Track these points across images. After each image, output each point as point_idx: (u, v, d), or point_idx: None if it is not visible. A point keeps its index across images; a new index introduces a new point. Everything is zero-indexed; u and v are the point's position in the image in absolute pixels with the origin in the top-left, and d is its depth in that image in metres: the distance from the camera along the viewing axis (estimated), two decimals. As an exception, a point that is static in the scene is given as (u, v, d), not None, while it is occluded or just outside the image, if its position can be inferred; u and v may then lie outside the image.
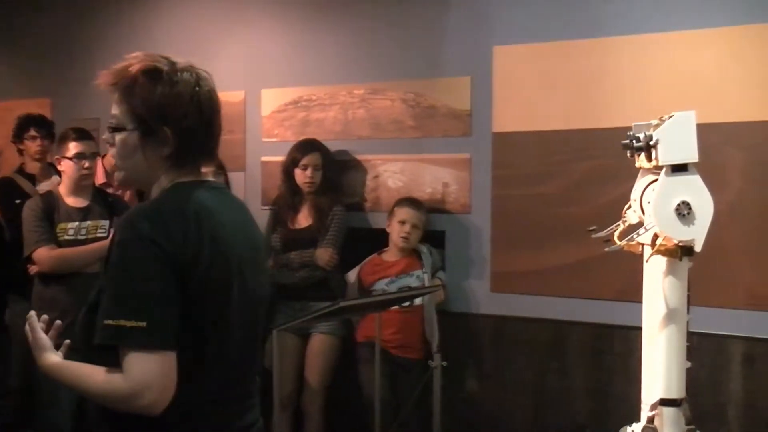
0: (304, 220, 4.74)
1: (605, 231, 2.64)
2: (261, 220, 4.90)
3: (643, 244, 2.51)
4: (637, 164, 2.55)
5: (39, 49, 6.17)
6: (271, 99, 5.25)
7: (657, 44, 4.10)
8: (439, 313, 4.57)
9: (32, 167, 5.18)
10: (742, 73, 3.93)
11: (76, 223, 4.23)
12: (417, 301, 4.45)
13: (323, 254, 4.58)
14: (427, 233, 4.64)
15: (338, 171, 4.90)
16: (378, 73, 4.88)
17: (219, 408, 1.98)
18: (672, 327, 2.47)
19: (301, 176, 4.69)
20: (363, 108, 4.93)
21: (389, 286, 4.54)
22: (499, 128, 4.51)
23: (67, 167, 4.26)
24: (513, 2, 4.49)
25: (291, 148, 4.78)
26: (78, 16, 5.98)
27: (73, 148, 4.23)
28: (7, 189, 5.04)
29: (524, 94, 4.44)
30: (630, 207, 2.64)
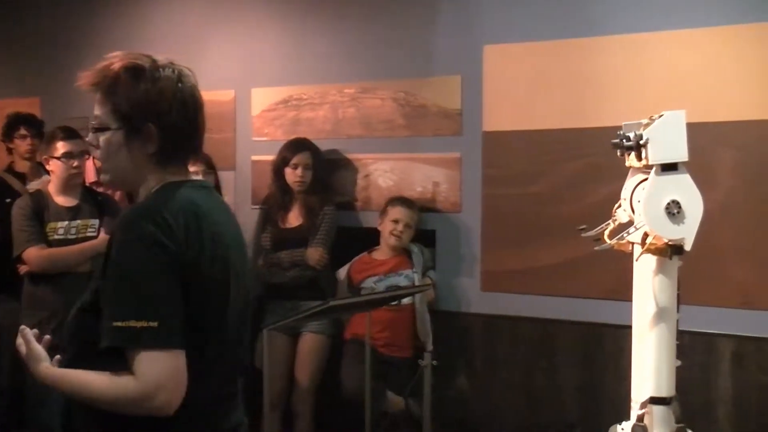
0: (294, 219, 4.73)
1: (595, 230, 2.64)
2: (251, 220, 4.92)
3: (633, 243, 2.51)
4: (627, 163, 2.54)
5: (28, 47, 6.14)
6: (262, 98, 5.24)
7: (647, 44, 4.11)
8: (430, 312, 4.58)
9: (22, 166, 5.16)
10: (733, 72, 3.94)
11: (66, 223, 4.21)
12: (405, 300, 4.45)
13: (313, 254, 4.58)
14: (418, 232, 4.65)
15: (329, 170, 4.89)
16: (368, 72, 4.88)
17: (213, 408, 1.97)
18: (662, 325, 2.47)
19: (291, 175, 4.68)
20: (353, 107, 4.92)
21: (377, 285, 4.54)
22: (490, 127, 4.52)
23: (55, 167, 4.24)
24: (503, 1, 4.50)
25: (281, 147, 4.77)
26: (67, 15, 5.95)
27: (61, 147, 4.21)
28: (-4, 188, 5.01)
29: (515, 93, 4.45)
30: (620, 206, 2.63)
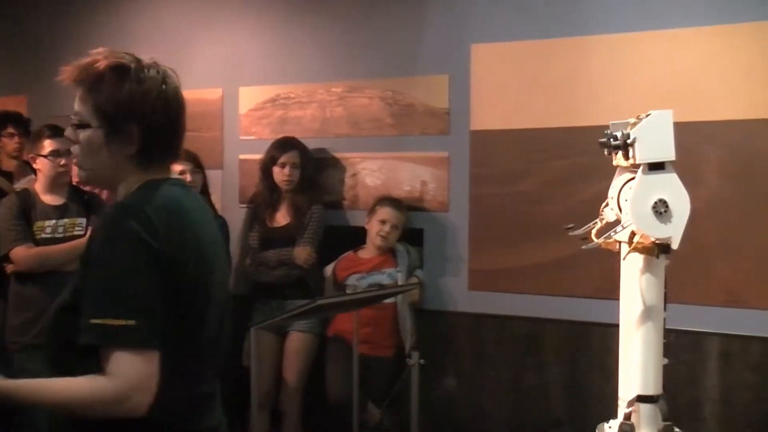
0: (282, 218, 4.73)
1: (583, 229, 2.65)
2: (239, 218, 4.91)
3: (620, 242, 2.52)
4: (615, 162, 2.55)
5: (14, 46, 6.11)
6: (249, 97, 5.22)
7: (635, 43, 4.12)
8: (417, 311, 4.59)
9: (9, 165, 5.13)
10: (719, 72, 3.96)
11: (53, 221, 4.19)
12: (388, 298, 4.45)
13: (301, 253, 4.57)
14: (406, 231, 4.64)
15: (316, 169, 4.89)
16: (356, 71, 4.87)
17: (191, 408, 1.96)
18: (649, 324, 2.48)
19: (279, 174, 4.68)
20: (341, 106, 4.92)
21: (360, 282, 4.55)
22: (477, 126, 4.52)
23: (42, 165, 4.21)
24: (491, 1, 4.50)
25: (269, 146, 4.76)
26: (54, 13, 5.92)
27: (48, 145, 4.19)
28: (-16, 187, 4.98)
29: (502, 92, 4.45)
30: (607, 205, 2.64)
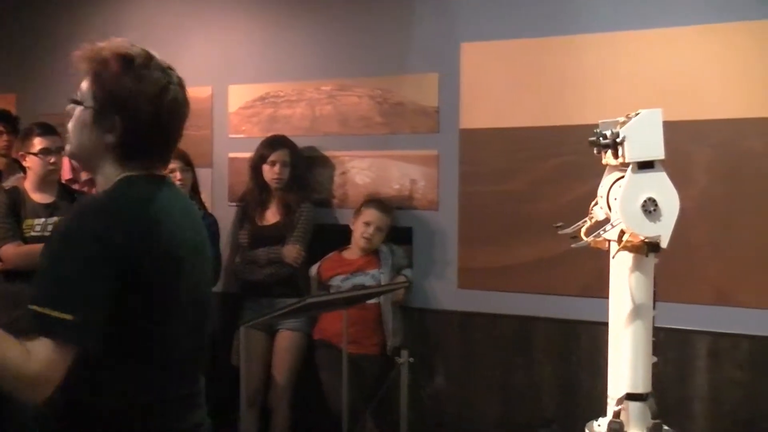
0: (271, 216, 4.72)
1: (572, 227, 2.65)
2: (229, 217, 4.90)
3: (609, 241, 2.52)
4: (604, 161, 2.55)
5: (3, 44, 6.07)
6: (239, 95, 5.21)
7: (624, 42, 4.13)
8: (405, 310, 4.59)
9: (-2, 162, 5.13)
10: (709, 71, 3.97)
11: (43, 220, 4.18)
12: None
13: (290, 251, 4.57)
14: (395, 230, 4.65)
15: (306, 167, 4.88)
16: (345, 69, 4.86)
17: (166, 408, 1.95)
18: (638, 322, 2.48)
19: (269, 172, 4.67)
20: (330, 104, 4.91)
21: (344, 283, 4.54)
22: (467, 125, 4.52)
23: (32, 163, 4.21)
24: (481, -1, 4.51)
25: (259, 144, 4.76)
26: (43, 11, 5.89)
27: (38, 143, 4.19)
28: (-28, 184, 4.95)
29: (492, 91, 4.45)
30: (596, 203, 2.64)
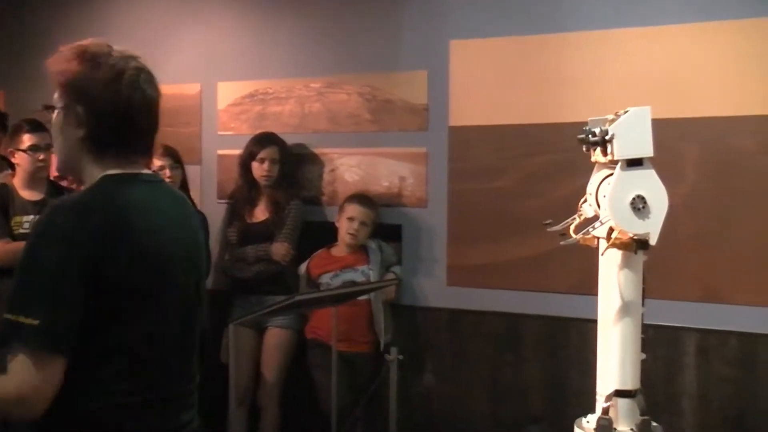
0: (261, 213, 4.71)
1: (561, 224, 2.65)
2: (218, 214, 4.89)
3: (598, 238, 2.53)
4: (593, 158, 2.56)
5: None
6: (228, 92, 5.20)
7: (613, 40, 4.14)
8: (395, 307, 4.59)
9: (-16, 160, 5.09)
10: (697, 69, 3.98)
11: (32, 217, 4.17)
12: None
13: (279, 248, 4.56)
14: (383, 227, 4.64)
15: (295, 164, 4.87)
16: (334, 66, 4.86)
17: (151, 409, 1.93)
18: (627, 319, 2.49)
19: (258, 170, 4.66)
20: (319, 101, 4.90)
21: (333, 280, 4.53)
22: (456, 122, 4.52)
23: (21, 160, 4.21)
24: (470, -4, 4.51)
25: (248, 141, 4.74)
26: (32, 6, 5.86)
27: (27, 140, 4.18)
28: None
29: (481, 88, 4.45)
30: (586, 201, 2.65)
